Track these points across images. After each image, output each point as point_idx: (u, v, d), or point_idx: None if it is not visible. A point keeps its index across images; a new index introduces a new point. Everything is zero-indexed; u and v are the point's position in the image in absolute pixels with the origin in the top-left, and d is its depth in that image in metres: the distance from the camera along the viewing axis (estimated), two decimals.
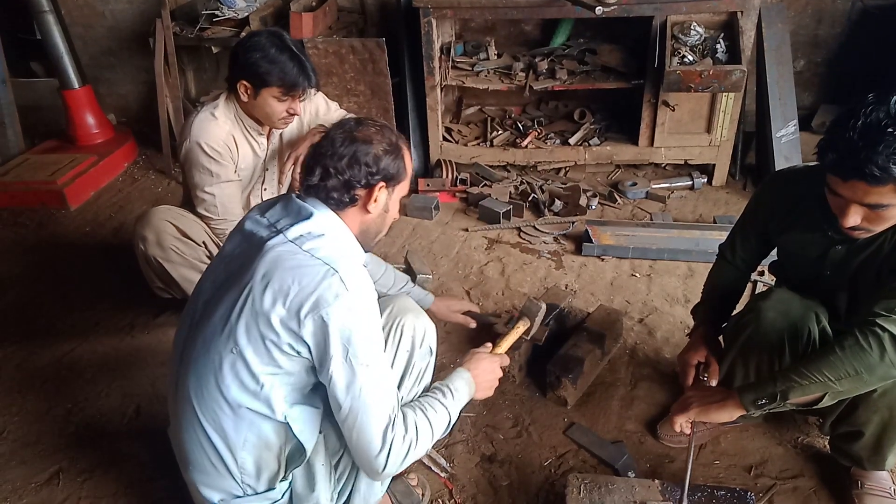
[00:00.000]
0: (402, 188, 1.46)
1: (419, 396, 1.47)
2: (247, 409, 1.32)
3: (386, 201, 1.42)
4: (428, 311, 1.91)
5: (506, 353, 1.72)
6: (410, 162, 1.46)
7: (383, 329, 1.46)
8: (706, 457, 1.88)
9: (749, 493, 1.60)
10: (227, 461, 1.36)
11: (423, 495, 1.76)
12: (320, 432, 1.43)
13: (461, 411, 1.51)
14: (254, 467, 1.38)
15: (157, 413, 2.08)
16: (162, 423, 1.98)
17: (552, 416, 2.03)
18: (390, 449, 1.30)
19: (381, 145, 1.38)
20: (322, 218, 1.34)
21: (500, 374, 1.63)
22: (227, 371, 1.30)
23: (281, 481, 1.42)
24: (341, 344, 1.26)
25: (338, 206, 1.37)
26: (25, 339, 2.46)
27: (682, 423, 1.57)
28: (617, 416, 2.04)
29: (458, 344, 2.33)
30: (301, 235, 1.31)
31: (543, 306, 1.92)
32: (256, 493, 1.41)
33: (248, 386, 1.30)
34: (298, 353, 1.29)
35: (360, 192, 1.37)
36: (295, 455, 1.39)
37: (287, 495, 1.46)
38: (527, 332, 1.92)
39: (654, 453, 1.91)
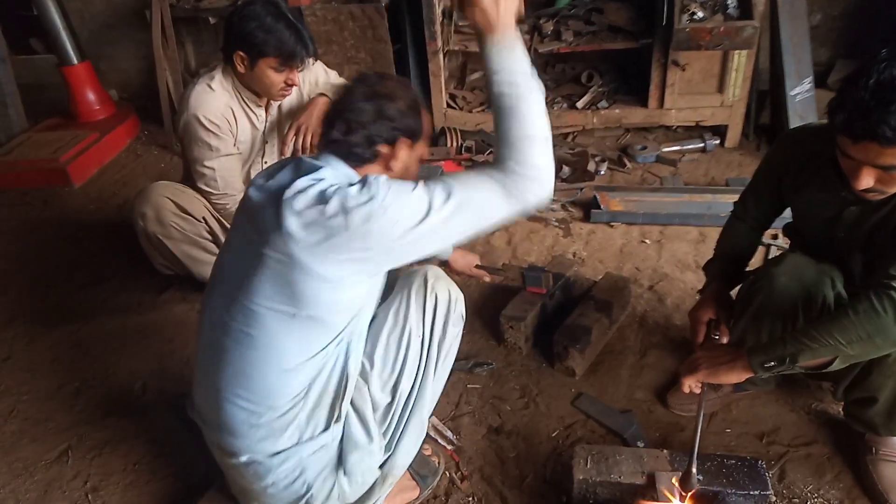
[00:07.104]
0: (421, 147, 1.43)
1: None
2: (307, 360, 1.30)
3: (407, 159, 1.39)
4: (446, 263, 1.93)
5: None
6: (429, 122, 1.43)
7: (419, 296, 1.48)
8: (717, 425, 1.85)
9: (760, 462, 1.56)
10: (286, 413, 1.34)
11: (439, 463, 1.76)
12: (368, 388, 1.43)
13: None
14: (308, 413, 1.36)
15: (163, 389, 2.08)
16: (168, 399, 2.01)
17: (560, 387, 2.01)
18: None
19: (404, 100, 1.35)
20: (330, 170, 1.30)
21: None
22: (287, 335, 1.28)
23: (335, 422, 1.40)
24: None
25: (358, 162, 1.33)
26: (34, 318, 2.47)
27: (690, 385, 1.53)
28: (626, 385, 2.01)
29: (471, 306, 2.30)
30: (308, 185, 1.25)
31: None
32: (311, 439, 1.39)
33: (311, 334, 1.29)
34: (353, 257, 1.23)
35: (383, 149, 1.34)
36: (340, 389, 1.38)
37: (337, 441, 1.43)
38: None
39: (664, 422, 1.88)
